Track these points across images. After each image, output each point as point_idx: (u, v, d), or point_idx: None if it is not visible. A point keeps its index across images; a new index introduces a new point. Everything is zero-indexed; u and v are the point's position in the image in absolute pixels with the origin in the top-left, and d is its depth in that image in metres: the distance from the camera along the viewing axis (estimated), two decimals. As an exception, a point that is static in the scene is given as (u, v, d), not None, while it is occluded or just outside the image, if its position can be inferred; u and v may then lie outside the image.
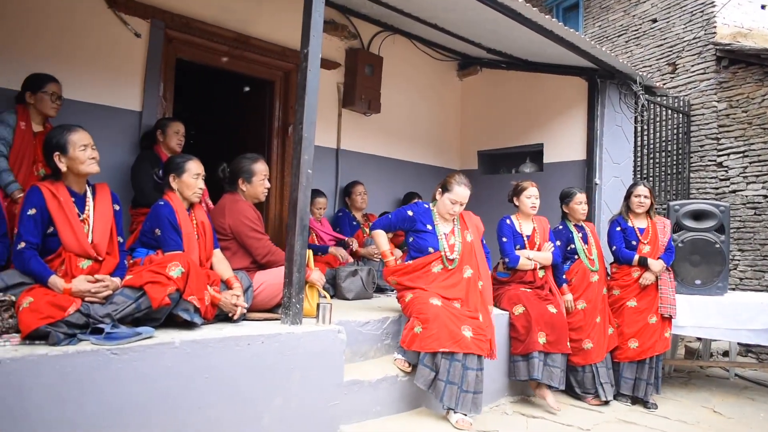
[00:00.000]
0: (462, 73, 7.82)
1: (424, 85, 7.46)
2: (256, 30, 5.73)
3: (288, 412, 3.21)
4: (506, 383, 4.63)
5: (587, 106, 6.40)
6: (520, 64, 6.96)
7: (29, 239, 2.93)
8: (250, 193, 4.05)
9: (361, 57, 6.44)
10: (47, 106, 4.01)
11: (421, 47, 7.25)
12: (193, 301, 3.05)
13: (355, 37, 6.55)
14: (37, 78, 4.02)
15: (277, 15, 5.86)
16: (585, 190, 5.87)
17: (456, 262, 4.13)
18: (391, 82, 6.84)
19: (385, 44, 6.84)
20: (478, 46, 6.69)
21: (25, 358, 2.42)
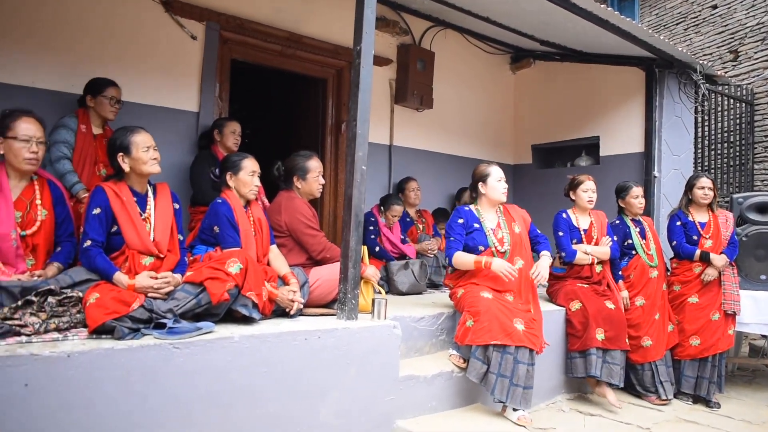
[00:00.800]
0: (515, 66, 7.73)
1: (476, 79, 7.41)
2: (309, 29, 5.79)
3: (344, 406, 3.24)
4: (563, 380, 4.57)
5: (645, 96, 6.26)
6: (574, 56, 6.85)
7: (95, 237, 3.03)
8: (305, 190, 4.10)
9: (412, 53, 6.45)
10: (106, 110, 4.15)
11: (473, 41, 7.20)
12: (251, 296, 3.11)
13: (406, 33, 6.55)
14: (98, 82, 4.16)
15: (328, 13, 5.91)
16: (643, 183, 5.76)
17: (507, 254, 4.10)
18: (443, 77, 6.82)
19: (436, 39, 6.82)
20: (531, 39, 6.61)
21: (93, 351, 2.50)
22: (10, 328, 2.55)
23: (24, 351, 2.37)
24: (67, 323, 2.74)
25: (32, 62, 4.34)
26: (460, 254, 4.04)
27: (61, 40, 4.46)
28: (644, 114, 6.26)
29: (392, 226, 5.73)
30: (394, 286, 5.06)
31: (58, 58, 4.44)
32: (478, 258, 3.96)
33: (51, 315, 2.69)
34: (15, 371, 2.32)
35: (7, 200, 3.03)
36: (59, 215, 3.24)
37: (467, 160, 7.23)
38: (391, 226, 5.71)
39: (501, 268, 3.86)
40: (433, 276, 5.68)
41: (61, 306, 2.75)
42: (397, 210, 5.71)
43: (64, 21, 4.48)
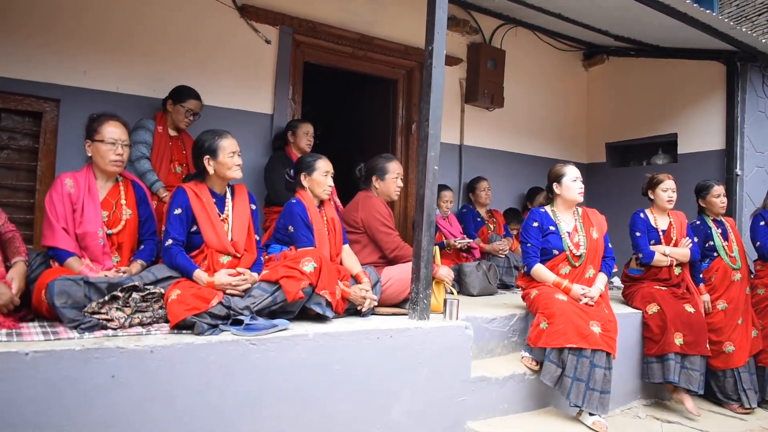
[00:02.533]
0: (588, 62, 7.58)
1: (548, 76, 7.30)
2: (379, 30, 5.83)
3: (416, 406, 3.25)
4: (639, 385, 4.45)
5: (726, 91, 6.02)
6: (650, 51, 6.66)
7: (176, 236, 3.15)
8: (383, 191, 4.16)
9: (483, 51, 6.40)
10: (180, 119, 4.32)
11: (544, 38, 7.09)
12: (324, 295, 3.16)
13: (476, 32, 6.51)
14: (181, 91, 4.32)
15: (399, 14, 5.94)
16: (724, 182, 5.53)
17: (582, 258, 4.02)
18: (514, 76, 6.74)
19: (507, 37, 6.75)
20: (605, 34, 6.46)
21: (174, 346, 2.59)
22: (98, 321, 2.67)
23: (111, 344, 2.48)
24: (150, 318, 2.85)
25: (117, 69, 4.54)
26: (540, 269, 4.01)
27: (143, 48, 4.65)
28: (725, 109, 6.01)
29: (449, 218, 5.72)
30: (465, 288, 5.04)
31: (139, 64, 4.63)
32: (558, 280, 3.94)
33: (135, 310, 2.81)
34: (102, 363, 2.43)
35: (95, 201, 3.17)
36: (142, 214, 3.38)
37: (539, 160, 7.13)
38: (446, 216, 5.70)
39: (579, 295, 3.85)
40: (504, 277, 5.62)
41: (144, 302, 2.86)
42: (447, 196, 5.72)
43: (146, 29, 4.67)
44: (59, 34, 4.33)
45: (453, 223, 5.77)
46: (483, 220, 6.11)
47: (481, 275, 5.09)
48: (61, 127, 4.36)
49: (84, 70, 4.41)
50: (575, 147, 7.60)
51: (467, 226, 5.93)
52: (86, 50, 4.42)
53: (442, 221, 5.62)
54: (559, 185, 4.10)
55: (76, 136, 4.03)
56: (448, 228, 5.62)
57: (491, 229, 6.10)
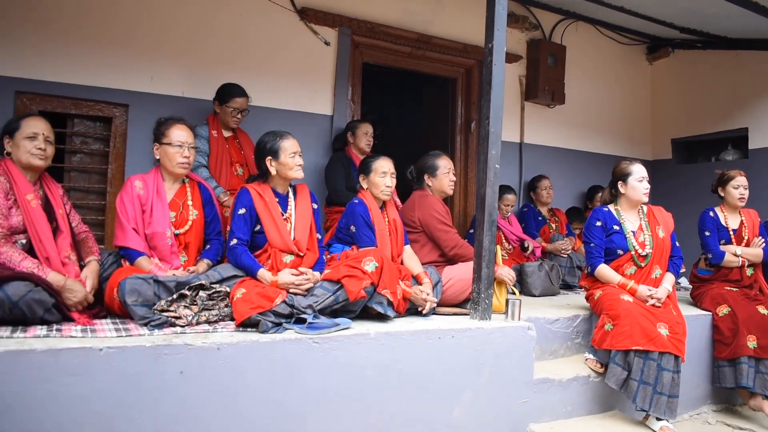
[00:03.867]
0: (652, 56, 7.38)
1: (610, 72, 7.14)
2: (438, 29, 5.82)
3: (477, 407, 3.23)
4: (709, 390, 4.30)
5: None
6: (718, 42, 6.45)
7: (240, 236, 3.22)
8: (437, 187, 4.14)
9: (543, 47, 6.32)
10: (229, 119, 4.35)
11: (606, 32, 6.95)
12: (386, 294, 3.17)
13: (536, 28, 6.42)
14: (226, 91, 4.34)
15: (457, 13, 5.91)
16: (801, 178, 5.30)
17: (648, 258, 3.92)
18: (575, 71, 6.64)
19: (567, 32, 6.64)
20: (670, 26, 6.28)
21: (240, 343, 2.65)
22: (167, 319, 2.76)
23: (179, 341, 2.55)
24: (216, 316, 2.92)
25: (182, 74, 4.68)
26: (605, 269, 3.93)
27: (207, 53, 4.77)
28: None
29: (509, 218, 5.64)
30: (526, 288, 4.97)
31: (203, 69, 4.75)
32: (624, 281, 3.85)
33: (202, 308, 2.89)
34: (171, 359, 2.50)
35: (163, 202, 3.28)
36: (208, 215, 3.47)
37: (602, 157, 6.98)
38: (506, 217, 5.62)
39: (646, 297, 3.76)
40: (567, 277, 5.53)
41: (211, 300, 2.94)
42: (509, 199, 5.63)
43: (209, 34, 4.79)
44: (128, 41, 4.48)
45: (513, 223, 5.71)
46: (544, 219, 6.03)
47: (543, 275, 5.02)
48: (130, 131, 4.51)
49: (151, 75, 4.55)
50: (639, 143, 7.42)
51: (528, 226, 5.86)
52: (153, 57, 4.56)
53: (501, 221, 5.56)
54: (624, 184, 3.99)
55: (144, 140, 4.17)
56: (508, 228, 5.56)
57: (553, 228, 6.00)
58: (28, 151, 2.93)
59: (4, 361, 2.22)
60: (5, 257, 2.74)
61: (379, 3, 5.51)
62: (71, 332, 2.55)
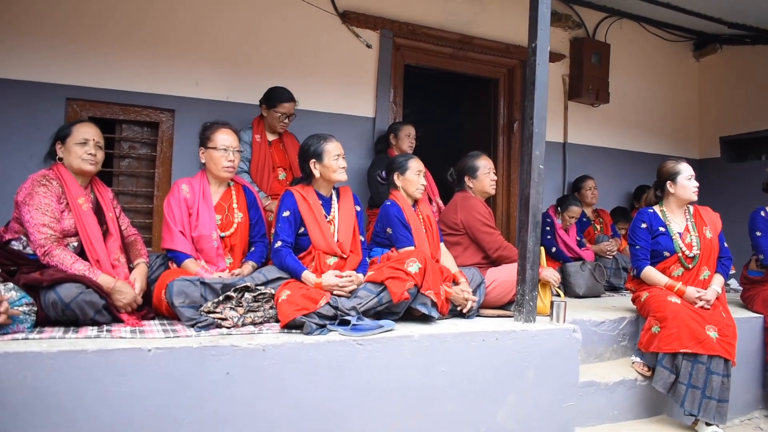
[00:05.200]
0: (698, 53, 7.23)
1: (656, 69, 7.01)
2: (480, 29, 5.80)
3: (522, 410, 3.20)
4: (760, 395, 4.21)
5: None
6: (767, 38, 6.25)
7: (285, 238, 3.26)
8: (478, 188, 4.11)
9: (586, 46, 6.25)
10: (276, 124, 4.38)
11: (651, 29, 6.83)
12: (430, 295, 3.16)
13: (579, 26, 6.35)
14: (273, 96, 4.37)
15: (499, 13, 5.88)
16: None
17: (696, 260, 3.84)
18: (619, 70, 6.53)
19: (611, 30, 6.55)
20: (718, 22, 6.16)
21: (285, 345, 2.67)
22: (213, 320, 2.80)
23: (225, 342, 2.58)
24: (261, 318, 2.96)
25: (226, 79, 4.77)
26: (651, 271, 3.87)
27: (250, 57, 4.85)
28: None
29: (569, 228, 5.54)
30: (570, 289, 4.91)
31: (247, 73, 4.83)
32: (671, 283, 3.79)
33: (247, 310, 2.92)
34: (218, 360, 2.53)
35: (209, 205, 3.33)
36: (253, 218, 3.51)
37: (647, 156, 6.86)
38: (567, 228, 5.52)
39: (694, 298, 3.69)
40: (612, 278, 5.44)
41: (256, 302, 2.97)
42: (575, 211, 5.51)
43: (253, 39, 4.87)
44: (173, 48, 4.58)
45: (572, 235, 5.55)
46: (589, 220, 5.94)
47: (586, 274, 4.96)
48: (177, 136, 4.61)
49: (196, 81, 4.65)
50: (686, 142, 7.27)
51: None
52: (198, 62, 4.66)
53: (560, 230, 5.46)
54: (673, 184, 3.91)
55: (190, 144, 4.25)
56: (564, 237, 5.43)
57: (598, 229, 5.91)
58: (80, 156, 3.01)
59: (57, 361, 2.28)
60: (58, 260, 2.81)
61: (420, 5, 5.51)
62: (121, 333, 2.61)
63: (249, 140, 4.32)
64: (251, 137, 4.34)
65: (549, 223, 5.36)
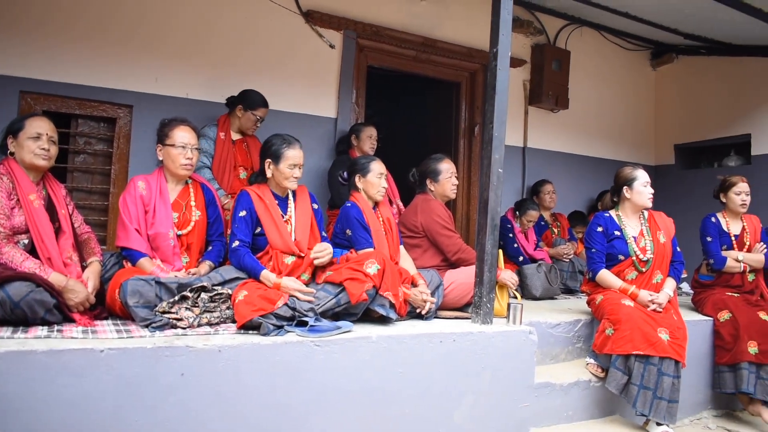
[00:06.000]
0: (656, 62, 7.39)
1: (614, 77, 7.15)
2: (443, 33, 5.83)
3: (479, 411, 3.22)
4: (709, 395, 4.31)
5: (804, 89, 5.77)
6: (722, 49, 6.46)
7: (242, 238, 3.23)
8: (439, 192, 4.13)
9: (547, 52, 6.33)
10: (249, 126, 4.36)
11: (610, 38, 6.96)
12: (388, 296, 3.16)
13: (540, 33, 6.43)
14: (253, 99, 4.35)
15: (462, 17, 5.92)
16: (802, 184, 5.29)
17: (650, 264, 3.92)
18: (579, 77, 6.64)
19: (572, 38, 6.65)
20: (674, 32, 6.29)
21: (241, 346, 2.64)
22: (168, 321, 2.75)
23: (180, 343, 2.54)
24: (218, 318, 2.92)
25: (186, 75, 4.69)
26: (606, 274, 3.95)
27: (211, 54, 4.78)
28: (803, 108, 5.78)
29: (527, 232, 5.61)
30: (527, 290, 4.98)
31: (207, 70, 4.77)
32: (625, 286, 3.87)
33: (203, 310, 2.88)
34: (173, 361, 2.49)
35: (166, 203, 3.28)
36: (211, 216, 3.46)
37: (605, 162, 6.99)
38: (525, 232, 5.59)
39: (647, 302, 3.77)
40: (569, 281, 5.53)
41: (212, 302, 2.93)
42: (533, 215, 5.58)
43: (213, 36, 4.80)
44: (133, 42, 4.49)
45: (530, 238, 5.64)
46: (547, 224, 6.03)
47: (542, 276, 5.04)
48: (134, 132, 4.53)
49: (156, 77, 4.57)
50: (642, 149, 7.42)
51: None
52: (158, 58, 4.58)
53: (519, 234, 5.52)
54: (629, 189, 3.99)
55: (147, 141, 4.18)
56: (522, 242, 5.50)
57: (555, 233, 6.00)
58: (32, 151, 2.93)
59: (5, 362, 2.21)
60: (7, 257, 2.74)
61: (384, 6, 5.52)
62: (72, 333, 2.55)
63: (213, 137, 4.28)
64: (216, 134, 4.30)
65: (509, 227, 5.42)
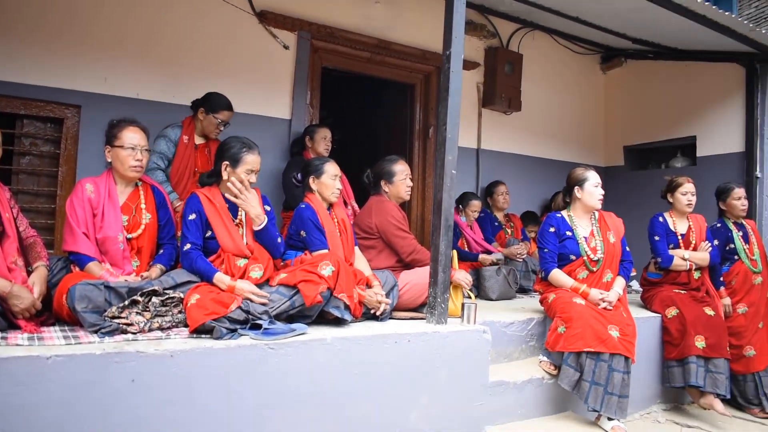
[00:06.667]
0: (605, 66, 7.54)
1: (565, 80, 7.27)
2: (397, 35, 5.84)
3: (434, 410, 3.24)
4: (659, 390, 4.42)
5: (745, 93, 5.98)
6: (669, 53, 6.60)
7: (194, 241, 3.18)
8: (393, 193, 4.14)
9: (500, 55, 6.39)
10: (212, 130, 4.29)
11: (561, 42, 7.06)
12: (343, 298, 3.16)
13: (494, 36, 6.50)
14: (216, 102, 4.26)
15: (416, 19, 5.95)
16: (744, 184, 5.45)
17: (600, 263, 4.00)
18: (531, 79, 6.72)
19: (524, 41, 6.73)
20: (623, 37, 6.40)
21: (194, 350, 2.60)
22: (118, 326, 2.69)
23: (131, 348, 2.49)
24: (170, 323, 2.87)
25: (137, 75, 4.59)
26: (558, 274, 4.01)
27: (163, 54, 4.70)
28: (745, 111, 5.97)
29: (473, 225, 5.69)
30: (484, 292, 5.03)
31: (159, 70, 4.68)
32: (576, 285, 3.93)
33: (155, 314, 2.82)
34: (122, 367, 2.44)
35: (115, 205, 3.21)
36: (162, 219, 3.40)
37: (557, 163, 7.10)
38: (471, 224, 5.67)
39: (598, 300, 3.83)
40: (522, 281, 5.60)
41: (164, 306, 2.87)
42: (476, 205, 5.69)
43: (165, 35, 4.72)
44: (80, 41, 4.38)
45: (476, 230, 5.73)
46: (501, 224, 6.09)
47: (501, 279, 5.09)
48: (82, 133, 4.41)
49: (104, 76, 4.47)
50: (593, 150, 7.56)
51: (484, 231, 5.90)
52: (107, 57, 4.47)
53: (466, 228, 5.60)
54: (581, 190, 4.07)
55: (96, 142, 4.06)
56: (471, 235, 5.58)
57: (509, 233, 6.07)
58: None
59: (-53, 371, 2.15)
60: (-52, 263, 2.65)
61: (338, 8, 5.50)
62: (17, 340, 2.48)
63: (175, 139, 4.19)
64: (179, 137, 4.21)
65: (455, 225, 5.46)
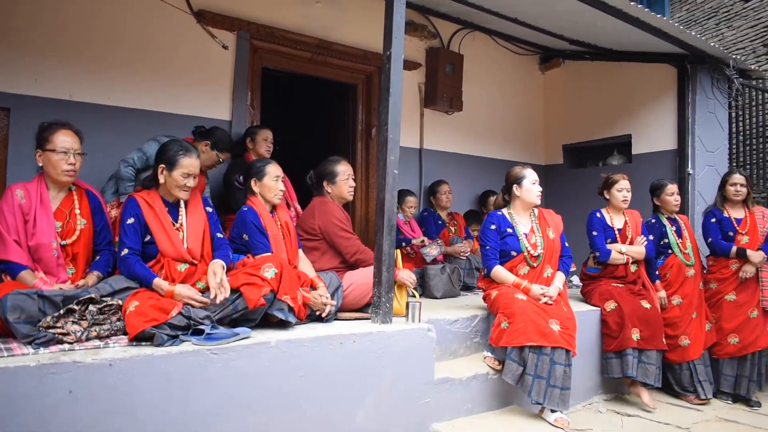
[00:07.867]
0: (544, 66, 7.67)
1: (505, 80, 7.38)
2: (338, 35, 5.82)
3: (381, 410, 3.25)
4: (599, 381, 4.53)
5: (677, 93, 6.17)
6: (604, 54, 6.77)
7: (132, 246, 3.10)
8: (336, 194, 4.14)
9: (441, 56, 6.44)
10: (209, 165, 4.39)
11: (501, 43, 7.16)
12: (287, 300, 3.13)
13: (435, 37, 6.54)
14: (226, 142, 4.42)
15: (357, 20, 5.94)
16: (677, 180, 5.64)
17: (540, 258, 4.08)
18: (472, 80, 6.79)
19: (465, 42, 6.80)
20: (560, 38, 6.54)
21: (133, 358, 2.54)
22: (53, 336, 2.60)
23: (67, 359, 2.42)
24: (108, 331, 2.79)
25: (70, 76, 4.44)
26: (500, 270, 4.06)
27: (97, 54, 4.56)
28: (677, 111, 6.16)
29: (410, 222, 5.73)
30: (429, 291, 5.06)
31: (94, 71, 4.54)
32: (518, 281, 3.99)
33: (92, 323, 2.74)
34: (59, 378, 2.37)
35: (48, 211, 3.10)
36: (97, 224, 3.31)
37: (498, 162, 7.18)
38: (409, 221, 5.71)
39: (539, 295, 3.90)
40: (466, 278, 5.65)
41: (101, 314, 2.80)
42: (412, 201, 5.76)
43: (100, 34, 4.58)
44: (8, 40, 4.22)
45: (414, 228, 5.79)
46: (444, 222, 6.14)
47: (445, 278, 5.12)
48: (12, 137, 4.24)
49: (35, 77, 4.31)
50: (533, 149, 7.70)
51: (428, 229, 5.96)
52: (37, 57, 4.32)
53: (404, 225, 5.64)
54: (519, 187, 4.14)
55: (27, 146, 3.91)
56: (409, 232, 5.64)
57: (452, 231, 6.13)
58: None
59: None
60: None
61: (278, 8, 5.45)
62: (-55, 354, 2.38)
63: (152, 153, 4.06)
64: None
65: None
